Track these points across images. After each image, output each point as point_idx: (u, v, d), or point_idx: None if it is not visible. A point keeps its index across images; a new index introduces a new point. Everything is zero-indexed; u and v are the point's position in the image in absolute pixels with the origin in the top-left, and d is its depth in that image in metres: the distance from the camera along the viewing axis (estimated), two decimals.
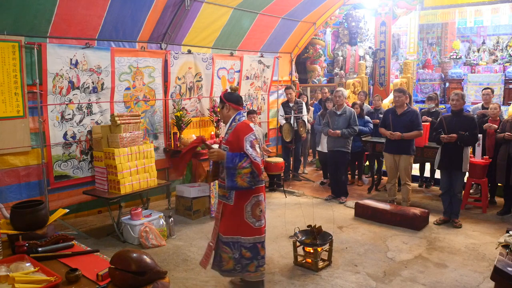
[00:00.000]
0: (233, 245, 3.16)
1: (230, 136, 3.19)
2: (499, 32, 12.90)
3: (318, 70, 11.68)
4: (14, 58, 4.47)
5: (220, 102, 3.33)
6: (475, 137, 5.07)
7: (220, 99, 3.33)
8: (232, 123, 3.24)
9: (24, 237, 2.27)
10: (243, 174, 3.02)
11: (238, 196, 3.17)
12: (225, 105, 3.27)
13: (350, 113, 6.11)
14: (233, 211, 3.17)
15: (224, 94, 3.32)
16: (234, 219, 3.17)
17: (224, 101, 3.28)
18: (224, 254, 3.21)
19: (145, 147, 5.08)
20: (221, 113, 3.35)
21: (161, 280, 1.86)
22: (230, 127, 3.24)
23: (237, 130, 3.15)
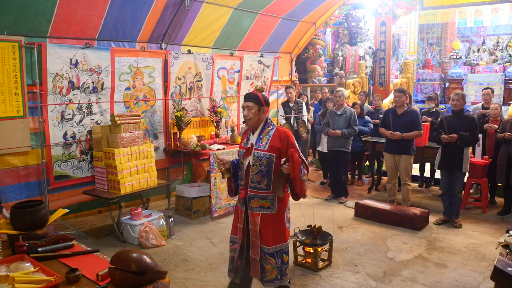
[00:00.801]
0: (277, 254, 3.00)
1: (272, 142, 2.91)
2: (499, 32, 12.90)
3: (318, 70, 11.68)
4: (14, 58, 4.47)
5: (255, 104, 2.94)
6: (475, 137, 5.07)
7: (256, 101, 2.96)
8: (266, 127, 2.99)
9: (24, 237, 2.27)
10: (305, 180, 2.92)
11: (279, 203, 2.99)
12: (263, 108, 2.98)
13: (350, 113, 6.11)
14: (276, 219, 2.98)
15: (263, 96, 3.01)
16: (278, 227, 3.00)
17: (264, 104, 2.98)
18: (268, 265, 2.99)
19: (145, 147, 5.08)
20: (254, 117, 2.96)
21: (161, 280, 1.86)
22: (264, 132, 2.97)
23: (283, 135, 2.93)
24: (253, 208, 2.97)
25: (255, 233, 2.98)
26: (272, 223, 2.97)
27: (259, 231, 2.96)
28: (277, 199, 2.97)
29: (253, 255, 3.03)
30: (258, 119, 2.98)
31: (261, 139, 2.95)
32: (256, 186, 2.94)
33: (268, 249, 2.96)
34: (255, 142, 2.96)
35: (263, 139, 2.95)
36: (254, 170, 2.92)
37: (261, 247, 2.98)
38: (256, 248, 3.00)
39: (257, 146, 2.93)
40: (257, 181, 2.93)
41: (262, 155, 2.90)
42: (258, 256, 2.99)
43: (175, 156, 6.32)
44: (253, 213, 2.98)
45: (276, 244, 2.98)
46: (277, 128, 2.98)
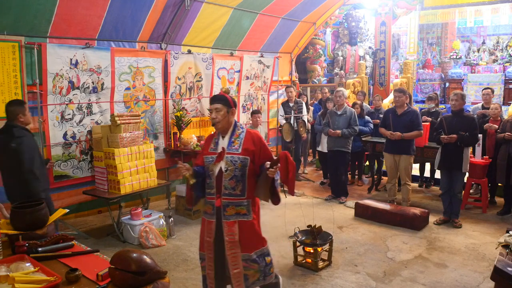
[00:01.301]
0: (259, 258, 2.86)
1: (245, 145, 2.77)
2: (499, 32, 12.89)
3: (318, 70, 11.68)
4: (14, 58, 4.47)
5: (224, 106, 2.78)
6: (475, 137, 5.07)
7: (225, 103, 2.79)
8: (236, 130, 2.85)
9: (24, 237, 2.27)
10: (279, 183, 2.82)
11: (253, 207, 2.87)
12: (232, 110, 2.82)
13: (350, 113, 6.11)
14: (252, 225, 2.84)
15: (232, 98, 2.86)
16: (255, 232, 2.86)
17: (232, 106, 2.82)
18: (250, 271, 2.83)
19: (145, 147, 5.08)
20: (223, 119, 2.79)
21: (161, 280, 1.86)
22: (235, 135, 2.83)
23: (255, 137, 2.82)
24: (229, 216, 2.77)
25: (234, 244, 2.78)
26: (250, 229, 2.82)
27: (239, 240, 2.77)
28: (251, 204, 2.83)
29: (234, 270, 2.81)
30: (227, 122, 2.81)
31: (233, 143, 2.79)
32: (231, 192, 2.75)
33: (250, 256, 2.81)
34: (227, 146, 2.79)
35: (235, 142, 2.79)
36: (227, 175, 2.74)
37: (242, 256, 2.80)
38: (236, 260, 2.80)
39: (230, 150, 2.76)
40: (232, 187, 2.75)
41: (236, 159, 2.74)
42: (240, 267, 2.80)
43: (175, 156, 6.32)
44: (228, 222, 2.78)
45: (257, 248, 2.86)
46: (248, 131, 2.86)
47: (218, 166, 2.77)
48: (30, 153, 3.68)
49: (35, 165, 3.71)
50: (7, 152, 3.63)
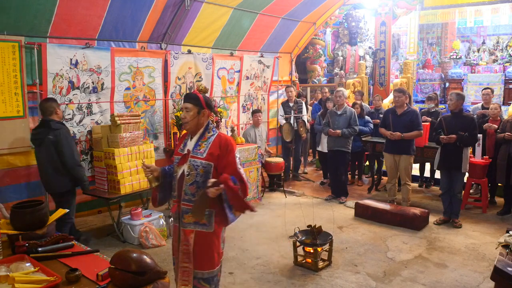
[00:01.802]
0: (212, 279, 2.59)
1: (211, 149, 2.53)
2: (499, 32, 12.88)
3: (318, 70, 11.68)
4: (14, 58, 4.47)
5: (194, 106, 2.56)
6: (474, 137, 5.07)
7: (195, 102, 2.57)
8: (206, 133, 2.60)
9: (24, 237, 2.27)
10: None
11: (217, 221, 2.56)
12: (204, 111, 2.58)
13: (350, 113, 6.11)
14: (211, 239, 2.55)
15: (203, 97, 2.61)
16: (214, 249, 2.56)
17: (205, 106, 2.58)
18: None
19: (145, 147, 5.08)
20: (192, 120, 2.57)
21: (161, 280, 1.86)
22: (204, 138, 2.58)
23: (223, 142, 2.55)
24: (186, 224, 2.54)
25: (187, 255, 2.53)
26: (208, 243, 2.54)
27: (193, 251, 2.51)
28: (213, 215, 2.54)
29: (182, 285, 2.53)
30: (197, 123, 2.58)
31: (199, 146, 2.56)
32: (191, 198, 2.52)
33: (203, 274, 2.54)
34: (192, 148, 2.57)
35: (201, 145, 2.56)
36: (188, 180, 2.53)
37: (195, 273, 2.53)
38: (188, 275, 2.53)
39: (194, 153, 2.54)
40: (192, 193, 2.52)
41: (198, 164, 2.51)
42: (190, 284, 2.53)
43: None
44: (185, 230, 2.54)
45: (212, 268, 2.56)
46: (219, 134, 2.61)
47: (181, 168, 2.59)
48: (68, 143, 4.14)
49: (76, 153, 4.23)
50: (46, 145, 4.08)
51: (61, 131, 4.12)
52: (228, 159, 2.52)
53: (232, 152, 2.54)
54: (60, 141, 4.07)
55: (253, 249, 4.57)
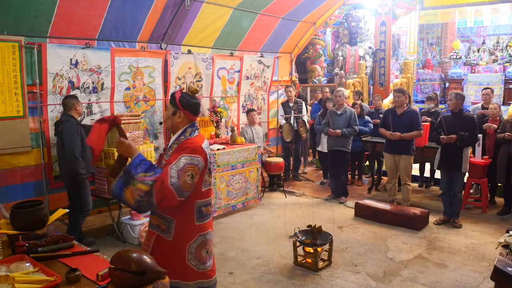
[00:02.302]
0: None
1: (173, 153, 2.32)
2: (499, 32, 12.89)
3: (318, 70, 11.68)
4: (14, 58, 4.47)
5: (171, 105, 2.40)
6: (474, 137, 5.07)
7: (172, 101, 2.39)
8: (181, 136, 2.39)
9: (24, 237, 2.26)
10: (137, 188, 2.17)
11: (179, 231, 2.34)
12: (179, 112, 2.37)
13: (350, 113, 6.11)
14: (171, 250, 2.36)
15: (181, 98, 2.36)
16: (174, 260, 2.35)
17: (179, 106, 2.36)
18: None
19: (145, 147, 5.08)
20: (167, 120, 2.43)
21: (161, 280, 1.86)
22: (176, 141, 2.39)
23: (183, 146, 2.31)
24: (152, 224, 2.43)
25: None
26: (166, 252, 2.36)
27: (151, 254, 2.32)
28: (175, 225, 2.33)
29: None
30: (171, 124, 2.41)
31: (171, 148, 2.41)
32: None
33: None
34: (167, 149, 2.46)
35: (172, 147, 2.40)
36: None
37: None
38: None
39: (166, 155, 2.42)
40: None
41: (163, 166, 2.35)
42: None
43: None
44: (150, 230, 2.43)
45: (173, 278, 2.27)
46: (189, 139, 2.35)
47: None
48: (70, 135, 4.31)
49: (76, 146, 4.32)
50: (59, 136, 4.41)
51: (66, 123, 4.34)
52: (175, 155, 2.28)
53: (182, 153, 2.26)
54: (63, 132, 4.33)
55: (253, 249, 4.57)
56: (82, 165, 4.37)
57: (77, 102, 4.52)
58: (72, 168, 4.35)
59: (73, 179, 4.42)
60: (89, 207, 4.58)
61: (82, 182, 4.46)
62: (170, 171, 2.18)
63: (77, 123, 4.47)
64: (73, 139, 4.33)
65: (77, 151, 4.34)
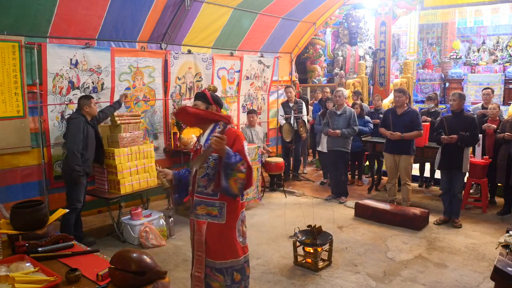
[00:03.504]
0: (226, 270, 2.66)
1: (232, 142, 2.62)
2: (499, 32, 12.88)
3: (318, 70, 11.67)
4: (14, 58, 4.47)
5: (202, 102, 2.70)
6: (475, 137, 5.07)
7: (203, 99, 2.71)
8: (216, 127, 2.70)
9: (24, 237, 2.27)
10: (238, 177, 2.49)
11: (229, 212, 2.64)
12: (211, 107, 2.71)
13: (350, 113, 6.11)
14: (223, 231, 2.63)
15: (211, 94, 2.76)
16: (226, 241, 2.65)
17: (211, 102, 2.72)
18: (215, 283, 2.65)
19: (145, 147, 5.08)
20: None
21: (161, 280, 1.86)
22: (214, 132, 2.66)
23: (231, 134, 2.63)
24: (199, 215, 2.66)
25: (200, 245, 2.65)
26: (220, 234, 2.63)
27: (205, 242, 2.63)
28: (227, 208, 2.62)
29: (196, 272, 2.67)
30: None
31: (210, 140, 2.58)
32: (203, 191, 2.64)
33: (215, 264, 2.63)
34: (204, 143, 2.70)
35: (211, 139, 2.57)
36: (200, 173, 2.64)
37: (207, 261, 2.64)
38: (200, 263, 2.66)
39: (205, 148, 2.66)
40: (204, 185, 2.63)
41: (209, 157, 2.60)
42: (202, 273, 2.65)
43: (175, 156, 6.32)
44: (199, 221, 2.66)
45: (225, 259, 2.64)
46: (229, 128, 2.70)
47: None
48: (74, 131, 4.39)
49: (76, 142, 4.37)
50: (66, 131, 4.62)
51: (73, 120, 4.45)
52: (238, 147, 2.59)
53: (241, 142, 2.62)
54: (69, 127, 4.49)
55: (253, 249, 4.57)
56: (79, 162, 4.39)
57: (88, 102, 4.54)
58: (70, 163, 4.40)
59: (69, 174, 4.43)
60: (78, 205, 4.55)
61: (76, 179, 4.43)
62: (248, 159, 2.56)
63: (86, 121, 4.49)
64: (75, 136, 4.37)
65: (77, 148, 4.37)
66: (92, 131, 4.56)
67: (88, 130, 4.51)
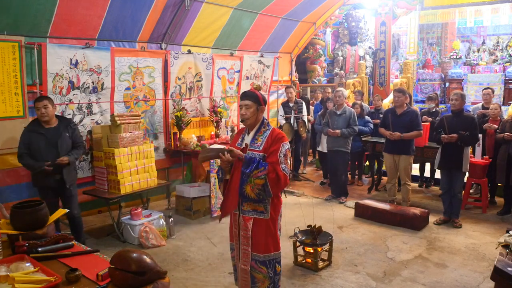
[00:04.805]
0: (269, 263, 2.84)
1: (267, 142, 2.78)
2: (499, 32, 12.89)
3: (318, 70, 11.67)
4: (14, 58, 4.47)
5: (254, 103, 2.81)
6: (475, 137, 5.07)
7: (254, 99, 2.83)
8: (262, 127, 2.86)
9: (24, 237, 2.27)
10: (255, 184, 2.66)
11: (273, 208, 2.83)
12: (261, 107, 2.85)
13: (350, 113, 6.11)
14: (268, 225, 2.82)
15: (262, 95, 2.88)
16: (271, 234, 2.83)
17: (262, 103, 2.85)
18: (259, 275, 2.84)
19: (145, 147, 5.08)
20: (252, 116, 2.82)
21: (161, 280, 1.86)
22: (260, 132, 2.84)
23: (275, 134, 2.80)
24: (246, 211, 2.83)
25: (247, 239, 2.84)
26: (264, 228, 2.82)
27: (251, 236, 2.81)
28: (271, 204, 2.81)
29: (243, 265, 2.87)
30: (256, 119, 2.85)
31: (256, 140, 2.83)
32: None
33: (259, 257, 2.83)
34: (250, 142, 2.84)
35: (258, 139, 2.83)
36: None
37: (252, 255, 2.83)
38: (247, 257, 2.85)
39: (252, 147, 2.82)
40: None
41: (256, 156, 2.76)
42: (248, 266, 2.85)
43: (175, 156, 6.32)
44: (245, 217, 2.83)
45: (268, 252, 2.84)
46: (273, 129, 2.86)
47: None
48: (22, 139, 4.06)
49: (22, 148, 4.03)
50: None
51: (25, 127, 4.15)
52: (275, 147, 2.73)
53: (280, 142, 2.75)
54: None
55: None
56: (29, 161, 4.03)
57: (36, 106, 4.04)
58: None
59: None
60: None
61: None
62: (279, 159, 2.69)
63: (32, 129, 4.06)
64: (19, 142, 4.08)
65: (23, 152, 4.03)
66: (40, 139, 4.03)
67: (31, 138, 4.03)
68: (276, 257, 2.88)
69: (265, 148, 2.77)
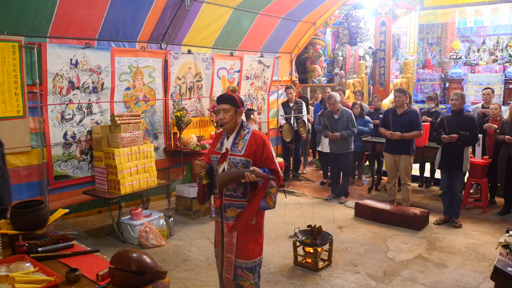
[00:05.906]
0: (255, 269, 2.77)
1: (248, 146, 2.69)
2: (499, 32, 12.88)
3: (318, 70, 11.67)
4: (14, 58, 4.48)
5: (232, 106, 2.71)
6: (475, 137, 5.07)
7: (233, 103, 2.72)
8: (241, 131, 2.76)
9: (24, 237, 2.27)
10: (272, 193, 2.63)
11: (258, 213, 2.75)
12: (240, 110, 2.75)
13: (347, 116, 6.09)
14: (253, 230, 2.75)
15: (239, 97, 2.78)
16: (255, 240, 2.76)
17: (240, 106, 2.75)
18: (246, 282, 2.74)
19: (145, 147, 5.08)
20: (231, 120, 2.73)
21: (161, 280, 1.86)
22: (240, 136, 2.74)
23: (258, 138, 2.71)
24: (229, 218, 2.72)
25: (231, 246, 2.72)
26: (250, 235, 2.73)
27: (235, 243, 2.71)
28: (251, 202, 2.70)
29: (226, 274, 2.77)
30: (235, 122, 2.74)
31: (236, 144, 2.72)
32: (232, 194, 2.70)
33: (246, 264, 2.73)
34: (230, 147, 2.73)
35: (238, 143, 2.72)
36: None
37: (237, 262, 2.72)
38: (230, 265, 2.74)
39: (233, 151, 2.71)
40: (233, 188, 2.69)
41: (238, 161, 2.67)
42: (231, 274, 2.74)
43: (175, 156, 6.32)
44: (228, 223, 2.71)
45: (254, 258, 2.76)
46: (253, 132, 2.77)
47: (222, 166, 2.73)
48: None
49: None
50: None
51: None
52: (267, 154, 2.70)
53: (268, 147, 2.73)
54: None
55: None
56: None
57: None
58: None
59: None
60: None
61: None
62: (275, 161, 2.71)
63: None
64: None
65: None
66: None
67: None
68: (260, 262, 2.83)
69: (247, 154, 2.68)
